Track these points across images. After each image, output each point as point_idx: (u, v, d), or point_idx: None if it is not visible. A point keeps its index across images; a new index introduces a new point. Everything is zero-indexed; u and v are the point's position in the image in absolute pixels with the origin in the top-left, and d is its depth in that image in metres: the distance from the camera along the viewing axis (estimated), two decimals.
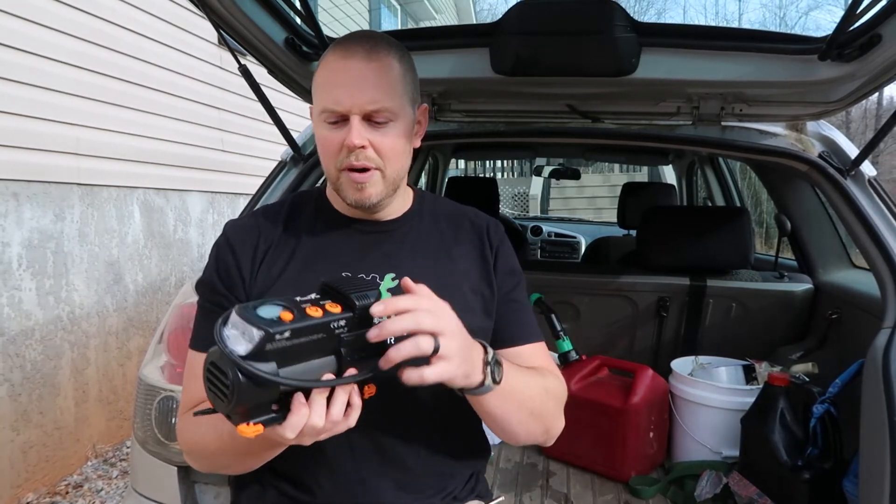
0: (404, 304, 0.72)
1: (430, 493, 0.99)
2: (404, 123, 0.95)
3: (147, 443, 1.29)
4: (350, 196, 0.94)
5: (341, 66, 0.91)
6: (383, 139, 0.91)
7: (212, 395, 0.66)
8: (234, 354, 0.62)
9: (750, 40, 1.36)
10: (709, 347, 2.13)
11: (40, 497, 2.65)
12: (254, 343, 0.63)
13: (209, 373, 0.66)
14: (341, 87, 0.90)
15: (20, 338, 2.63)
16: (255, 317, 0.64)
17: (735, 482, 1.69)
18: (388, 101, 0.91)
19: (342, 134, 0.90)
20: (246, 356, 0.62)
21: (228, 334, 0.64)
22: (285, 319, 0.65)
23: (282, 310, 0.66)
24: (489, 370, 0.80)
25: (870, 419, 1.22)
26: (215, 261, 0.98)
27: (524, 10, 1.37)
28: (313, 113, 0.97)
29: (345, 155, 0.90)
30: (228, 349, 0.63)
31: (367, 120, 0.90)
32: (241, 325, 0.64)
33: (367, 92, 0.89)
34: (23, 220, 2.64)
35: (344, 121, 0.90)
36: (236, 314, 0.65)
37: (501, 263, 1.04)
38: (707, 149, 2.17)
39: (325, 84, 0.92)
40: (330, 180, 0.96)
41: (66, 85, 2.87)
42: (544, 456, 2.02)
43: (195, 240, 3.95)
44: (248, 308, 0.65)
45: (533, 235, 4.37)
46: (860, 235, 1.39)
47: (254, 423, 0.65)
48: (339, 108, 0.90)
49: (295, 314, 0.66)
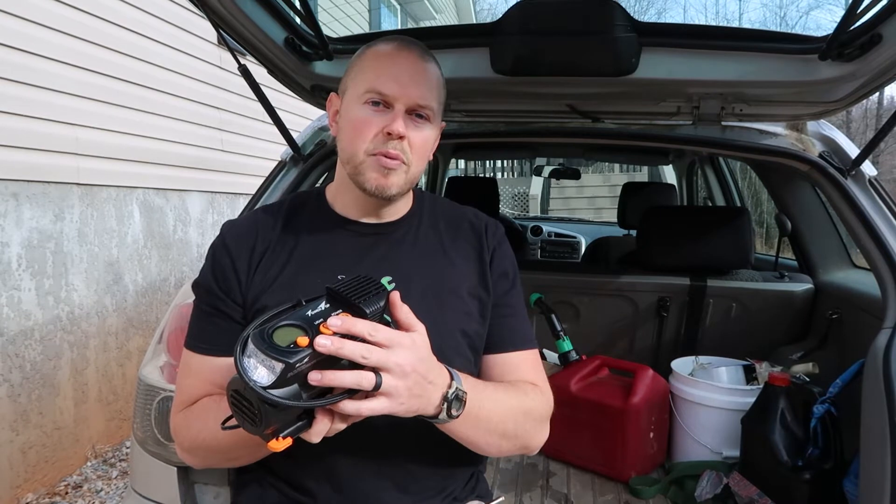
0: (360, 328, 0.70)
1: (430, 493, 0.98)
2: (435, 129, 0.98)
3: (147, 443, 1.29)
4: (372, 182, 0.92)
5: (396, 57, 0.93)
6: (419, 136, 0.93)
7: (240, 418, 0.69)
8: (258, 386, 0.65)
9: (750, 40, 1.35)
10: (709, 347, 2.13)
11: (40, 497, 2.65)
12: (276, 374, 0.66)
13: (234, 399, 0.69)
14: (394, 76, 0.91)
15: (19, 338, 2.63)
16: (273, 347, 0.66)
17: (735, 482, 1.69)
18: (432, 101, 0.94)
19: (383, 120, 0.91)
20: (269, 387, 0.65)
21: (248, 365, 0.67)
22: (302, 345, 0.67)
23: (298, 333, 0.68)
24: (446, 405, 0.79)
25: (870, 419, 1.21)
26: (211, 263, 0.97)
27: (524, 9, 1.37)
28: (348, 95, 0.96)
29: (380, 141, 0.91)
30: (252, 381, 0.65)
31: (409, 114, 0.92)
32: (260, 355, 0.66)
33: (420, 86, 0.92)
34: (22, 220, 2.64)
35: (386, 107, 0.92)
36: (254, 344, 0.67)
37: (496, 265, 1.03)
38: (707, 149, 2.17)
39: (375, 69, 0.93)
40: (351, 163, 0.94)
41: (66, 85, 2.86)
42: (544, 456, 2.02)
43: (195, 240, 3.94)
44: (263, 336, 0.67)
45: (533, 235, 4.36)
46: (861, 235, 1.39)
47: (283, 437, 0.69)
48: (389, 92, 0.91)
49: (311, 336, 0.68)
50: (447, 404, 0.79)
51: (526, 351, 1.02)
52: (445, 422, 0.81)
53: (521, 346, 1.02)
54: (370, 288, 0.74)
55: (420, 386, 0.75)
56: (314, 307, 0.72)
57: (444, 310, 0.96)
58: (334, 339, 0.68)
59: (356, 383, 0.70)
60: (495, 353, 1.00)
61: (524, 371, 0.99)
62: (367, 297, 0.73)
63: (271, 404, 0.65)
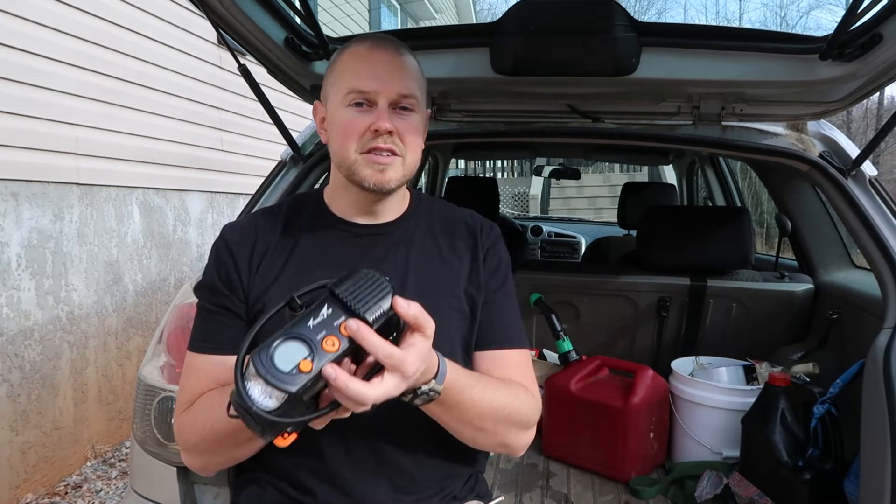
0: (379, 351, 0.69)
1: (429, 494, 0.98)
2: (422, 117, 0.99)
3: (146, 443, 1.29)
4: (369, 178, 0.93)
5: (371, 54, 0.94)
6: (407, 126, 0.94)
7: (245, 422, 0.69)
8: (262, 410, 0.65)
9: (750, 40, 1.36)
10: (709, 347, 2.13)
11: (39, 497, 2.64)
12: (280, 402, 0.66)
13: (239, 408, 0.68)
14: (372, 73, 0.93)
15: (19, 338, 2.63)
16: (276, 374, 0.65)
17: (735, 482, 1.69)
18: (415, 90, 0.95)
19: (368, 118, 0.92)
20: (272, 411, 0.66)
21: (251, 388, 0.66)
22: (304, 370, 0.66)
23: (301, 354, 0.66)
24: (410, 396, 0.78)
25: (870, 419, 1.21)
26: (215, 263, 0.98)
27: (524, 9, 1.37)
28: (331, 101, 0.97)
29: (369, 138, 0.92)
30: (256, 405, 0.65)
31: (392, 107, 0.93)
32: (261, 383, 0.66)
33: (398, 79, 0.93)
34: (22, 220, 2.64)
35: (369, 105, 0.93)
36: (255, 369, 0.66)
37: (489, 264, 1.03)
38: (707, 149, 2.17)
39: (352, 69, 0.94)
40: (344, 165, 0.95)
41: (66, 85, 2.86)
42: (544, 456, 2.02)
43: (194, 240, 3.94)
44: (265, 359, 0.66)
45: (533, 235, 4.36)
46: (861, 235, 1.38)
47: (287, 433, 0.69)
48: (370, 88, 0.92)
49: (314, 361, 0.66)
50: (413, 395, 0.79)
51: (514, 350, 1.01)
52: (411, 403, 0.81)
53: (509, 344, 1.01)
54: (374, 288, 0.71)
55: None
56: (315, 315, 0.69)
57: (439, 310, 0.96)
58: (339, 374, 0.66)
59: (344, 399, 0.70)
60: (481, 349, 0.99)
61: (510, 370, 0.98)
62: (371, 301, 0.70)
63: (274, 425, 0.66)
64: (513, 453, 1.00)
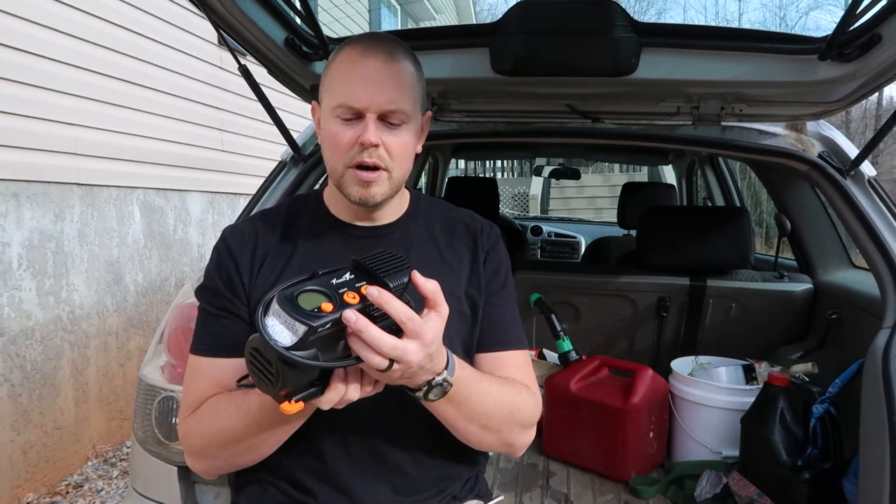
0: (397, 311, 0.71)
1: (429, 494, 0.99)
2: (415, 128, 0.96)
3: (147, 443, 1.29)
4: (354, 193, 0.93)
5: (361, 64, 0.91)
6: (395, 140, 0.92)
7: (256, 377, 0.70)
8: (279, 345, 0.66)
9: (750, 40, 1.36)
10: (709, 347, 2.13)
11: (40, 497, 2.65)
12: (298, 336, 0.66)
13: (252, 357, 0.69)
14: (360, 85, 0.90)
15: (20, 338, 2.63)
16: (297, 309, 0.67)
17: (735, 482, 1.69)
18: (404, 104, 0.92)
19: (355, 131, 0.90)
20: (289, 348, 0.66)
21: (271, 324, 0.67)
22: (325, 311, 0.68)
23: (322, 299, 0.69)
24: (426, 388, 0.79)
25: (870, 419, 1.22)
26: (217, 265, 0.98)
27: (524, 9, 1.37)
28: (322, 108, 0.96)
29: (356, 152, 0.91)
30: (273, 340, 0.66)
31: (381, 120, 0.91)
32: (284, 316, 0.67)
33: (386, 92, 0.90)
34: (23, 221, 2.64)
35: (358, 118, 0.91)
36: (278, 305, 0.68)
37: (489, 266, 1.04)
38: (707, 149, 2.17)
39: (342, 80, 0.92)
40: (333, 176, 0.96)
41: (66, 85, 2.86)
42: (544, 456, 2.02)
43: (195, 240, 3.95)
44: (288, 298, 0.68)
45: (533, 235, 4.37)
46: (860, 235, 1.39)
47: (295, 400, 0.70)
48: (357, 104, 0.90)
49: (335, 303, 0.69)
50: (428, 388, 0.79)
51: (514, 351, 1.01)
52: (421, 401, 0.82)
53: (509, 345, 1.01)
54: (394, 263, 0.75)
55: (422, 368, 0.77)
56: (339, 276, 0.73)
57: None
58: (360, 318, 0.68)
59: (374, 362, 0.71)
60: (483, 351, 1.00)
61: (511, 371, 0.99)
62: (393, 273, 0.73)
63: (290, 364, 0.66)
64: (514, 453, 1.00)
